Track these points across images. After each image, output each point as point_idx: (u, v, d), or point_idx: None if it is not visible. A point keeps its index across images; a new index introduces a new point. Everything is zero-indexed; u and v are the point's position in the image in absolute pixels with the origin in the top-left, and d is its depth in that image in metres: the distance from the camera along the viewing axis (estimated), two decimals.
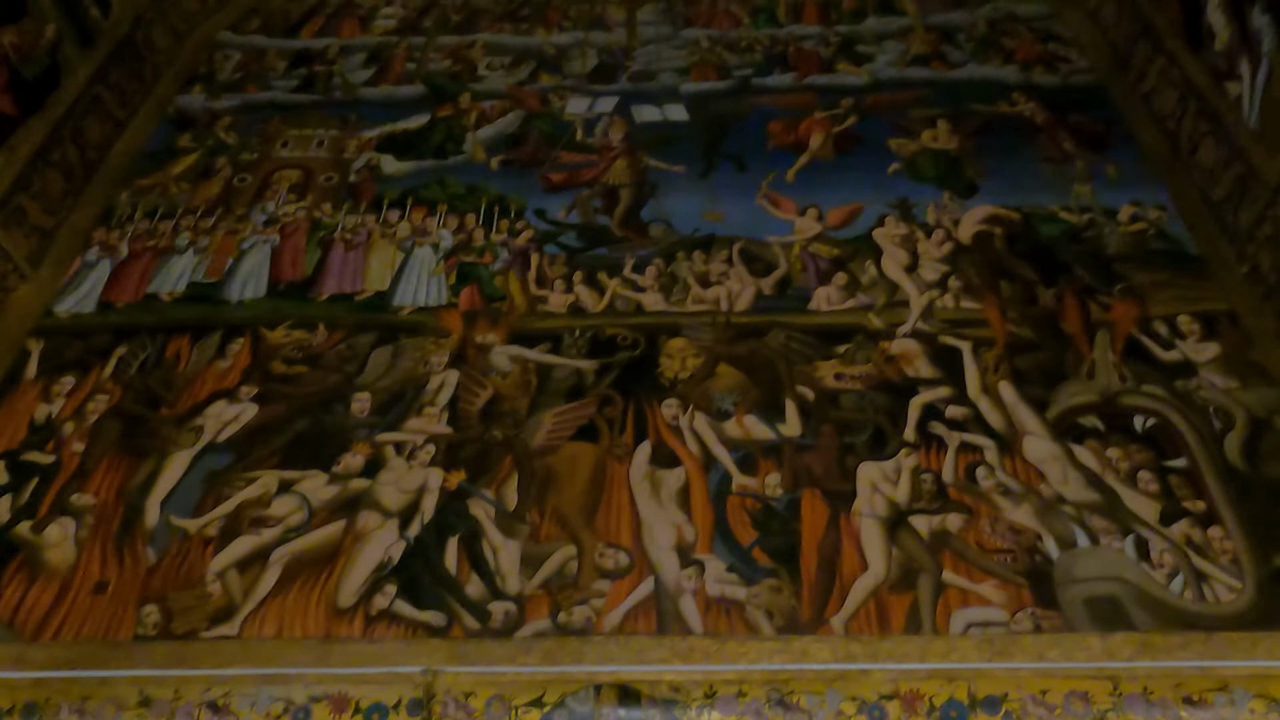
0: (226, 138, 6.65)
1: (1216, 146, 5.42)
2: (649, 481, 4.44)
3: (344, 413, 4.81)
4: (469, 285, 5.45)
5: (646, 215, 5.88)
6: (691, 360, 4.98)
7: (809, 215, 5.74)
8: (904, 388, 4.78)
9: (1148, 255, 5.37)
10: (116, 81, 6.57)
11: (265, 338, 5.21)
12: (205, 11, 7.65)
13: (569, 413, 4.76)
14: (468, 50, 7.35)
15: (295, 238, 5.82)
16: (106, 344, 5.19)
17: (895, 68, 6.93)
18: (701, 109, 6.68)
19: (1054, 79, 6.70)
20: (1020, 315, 5.08)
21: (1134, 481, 4.29)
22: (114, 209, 6.07)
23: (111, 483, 4.54)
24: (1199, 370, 4.72)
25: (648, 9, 7.73)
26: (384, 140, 6.56)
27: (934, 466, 4.43)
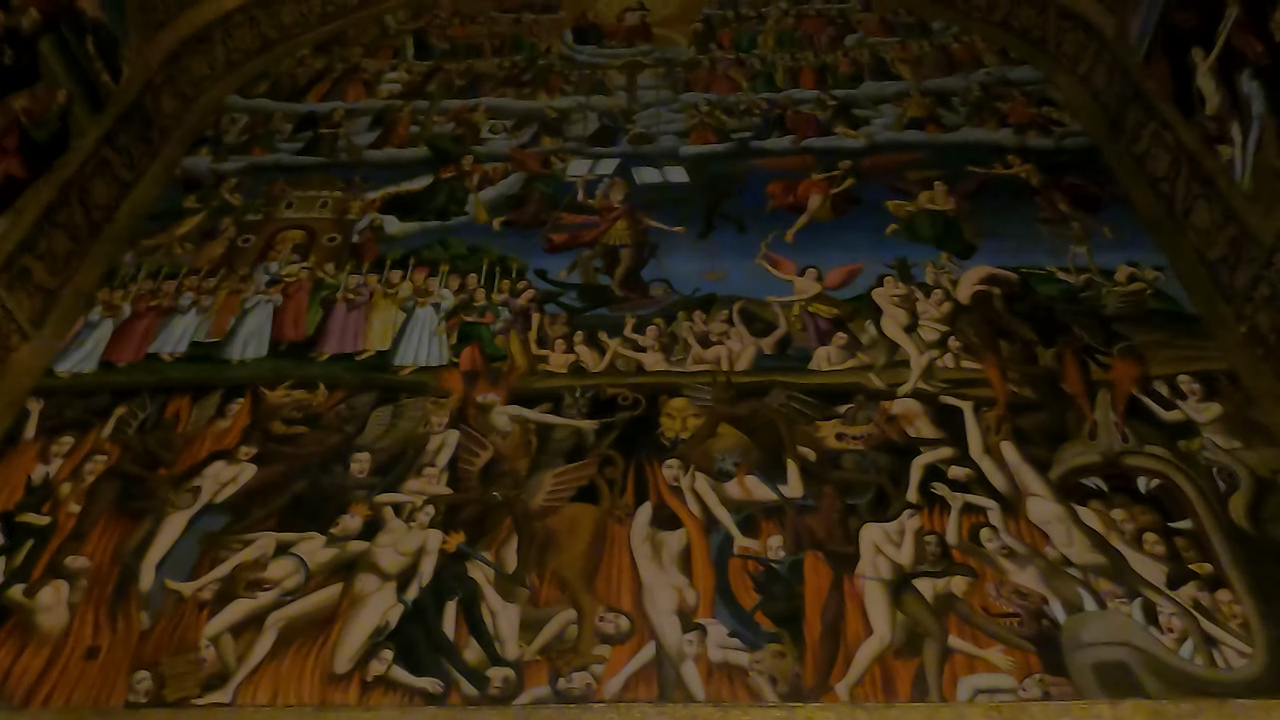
0: (231, 199, 6.72)
1: (1210, 208, 5.48)
2: (650, 543, 4.39)
3: (343, 473, 4.79)
4: (470, 345, 5.46)
5: (647, 275, 5.92)
6: (692, 420, 4.97)
7: (808, 275, 5.78)
8: (906, 448, 4.77)
9: (1146, 315, 5.40)
10: (124, 144, 6.66)
11: (265, 397, 5.21)
12: (214, 76, 7.79)
13: (569, 473, 4.74)
14: (471, 113, 7.47)
15: (298, 297, 5.84)
16: (106, 404, 5.19)
17: (891, 131, 7.04)
18: (701, 171, 6.77)
19: (1048, 142, 6.80)
20: (1021, 375, 5.09)
21: (1140, 543, 4.26)
22: (118, 269, 6.11)
23: (107, 545, 4.49)
24: (1201, 430, 4.71)
25: (648, 74, 7.89)
26: (387, 201, 6.64)
27: (937, 528, 4.39)
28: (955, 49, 7.74)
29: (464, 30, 8.52)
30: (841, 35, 8.08)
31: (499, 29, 8.54)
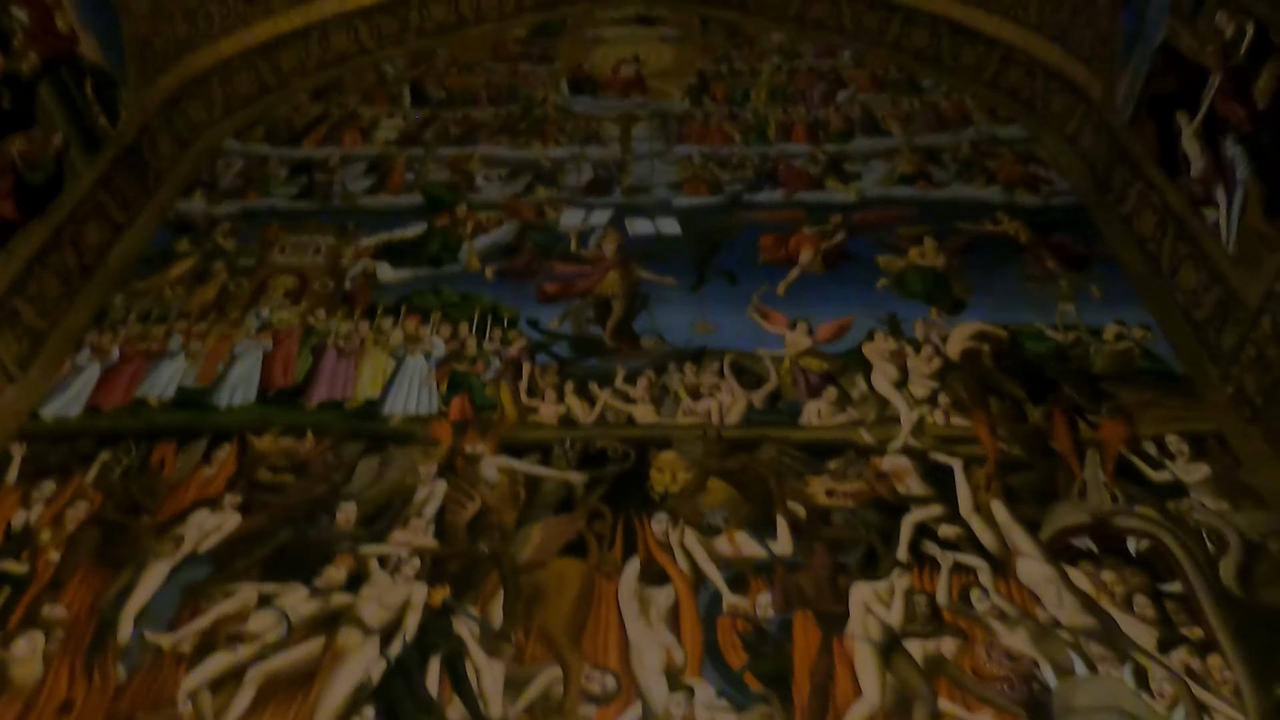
0: (224, 243, 6.73)
1: (1197, 269, 5.54)
2: (638, 600, 4.34)
3: (329, 524, 4.73)
4: (460, 394, 5.45)
5: (638, 327, 5.94)
6: (682, 474, 4.95)
7: (799, 329, 5.80)
8: (896, 505, 4.75)
9: (1134, 374, 5.43)
10: (119, 187, 6.68)
11: (252, 445, 5.16)
12: (211, 120, 7.85)
13: (558, 527, 4.70)
14: (466, 162, 7.53)
15: (288, 344, 5.83)
16: (91, 449, 5.13)
17: (882, 186, 7.12)
18: (694, 223, 6.82)
19: (1036, 199, 6.88)
20: (1010, 433, 5.09)
21: (1130, 606, 4.23)
22: (108, 312, 6.09)
23: (85, 595, 4.41)
24: (1190, 491, 4.71)
25: (642, 125, 7.98)
26: (381, 248, 6.66)
27: (927, 588, 4.36)
28: (945, 107, 7.86)
29: (461, 79, 8.61)
30: (833, 91, 8.20)
31: (495, 79, 8.63)
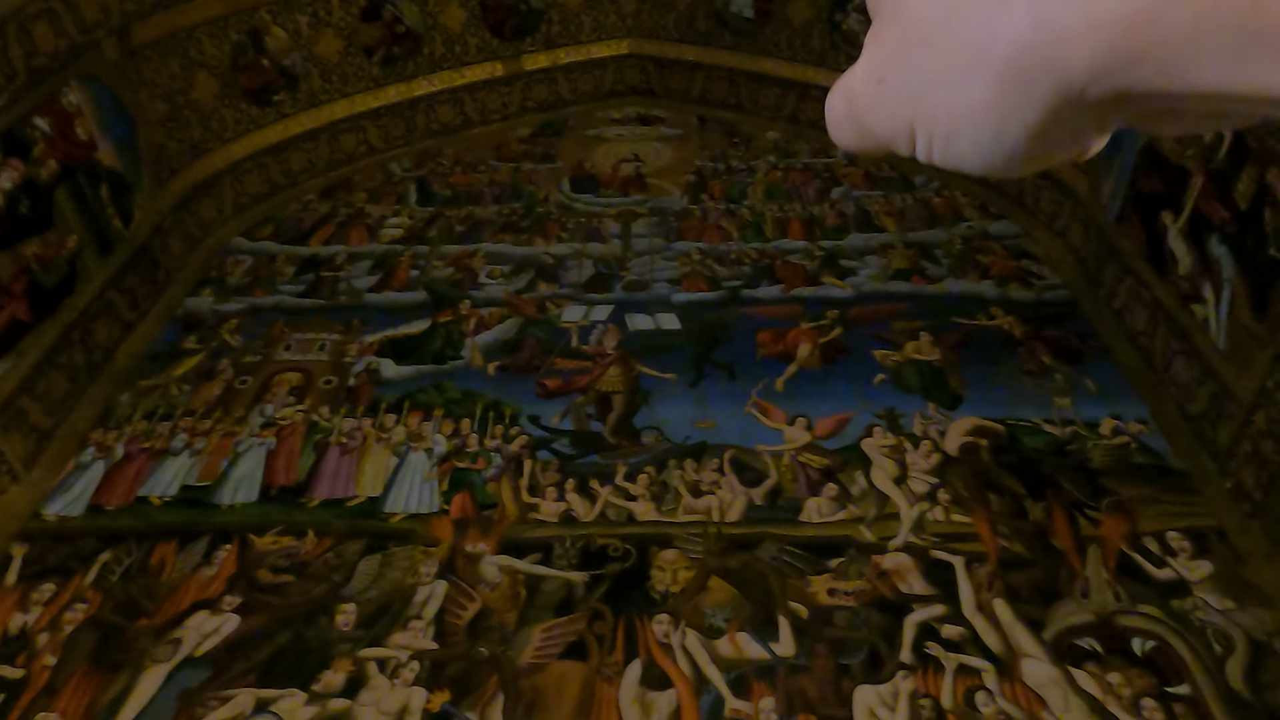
0: (231, 340, 6.84)
1: (1189, 364, 5.62)
2: (639, 705, 4.30)
3: (328, 625, 4.71)
4: (461, 492, 5.47)
5: (639, 422, 5.99)
6: (683, 573, 4.94)
7: (798, 425, 5.85)
8: (898, 604, 4.73)
9: (1132, 469, 5.46)
10: (130, 286, 6.82)
11: (253, 544, 5.17)
12: (221, 219, 8.06)
13: (558, 628, 4.67)
14: (469, 259, 7.69)
15: (291, 441, 5.87)
16: (92, 549, 5.13)
17: (877, 281, 7.25)
18: (693, 318, 6.94)
19: (1029, 294, 7.01)
20: (1011, 530, 5.10)
21: (1138, 710, 4.18)
22: (114, 409, 6.15)
23: (80, 700, 4.37)
24: (1193, 589, 4.70)
25: (642, 222, 8.17)
26: (385, 344, 6.75)
27: (932, 690, 4.32)
28: (937, 203, 8.06)
29: (465, 178, 8.85)
30: (828, 188, 8.42)
31: (499, 177, 8.87)
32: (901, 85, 0.48)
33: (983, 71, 0.43)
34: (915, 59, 0.47)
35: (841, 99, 0.54)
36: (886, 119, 0.50)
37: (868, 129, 0.52)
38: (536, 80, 9.63)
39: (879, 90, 0.49)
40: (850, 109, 0.53)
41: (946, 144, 0.47)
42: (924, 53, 0.46)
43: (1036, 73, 0.42)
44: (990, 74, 0.43)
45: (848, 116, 0.53)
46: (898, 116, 0.49)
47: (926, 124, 0.48)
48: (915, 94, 0.47)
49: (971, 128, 0.45)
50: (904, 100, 0.48)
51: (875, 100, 0.50)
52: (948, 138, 0.47)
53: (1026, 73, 0.42)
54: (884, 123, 0.50)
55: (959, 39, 0.44)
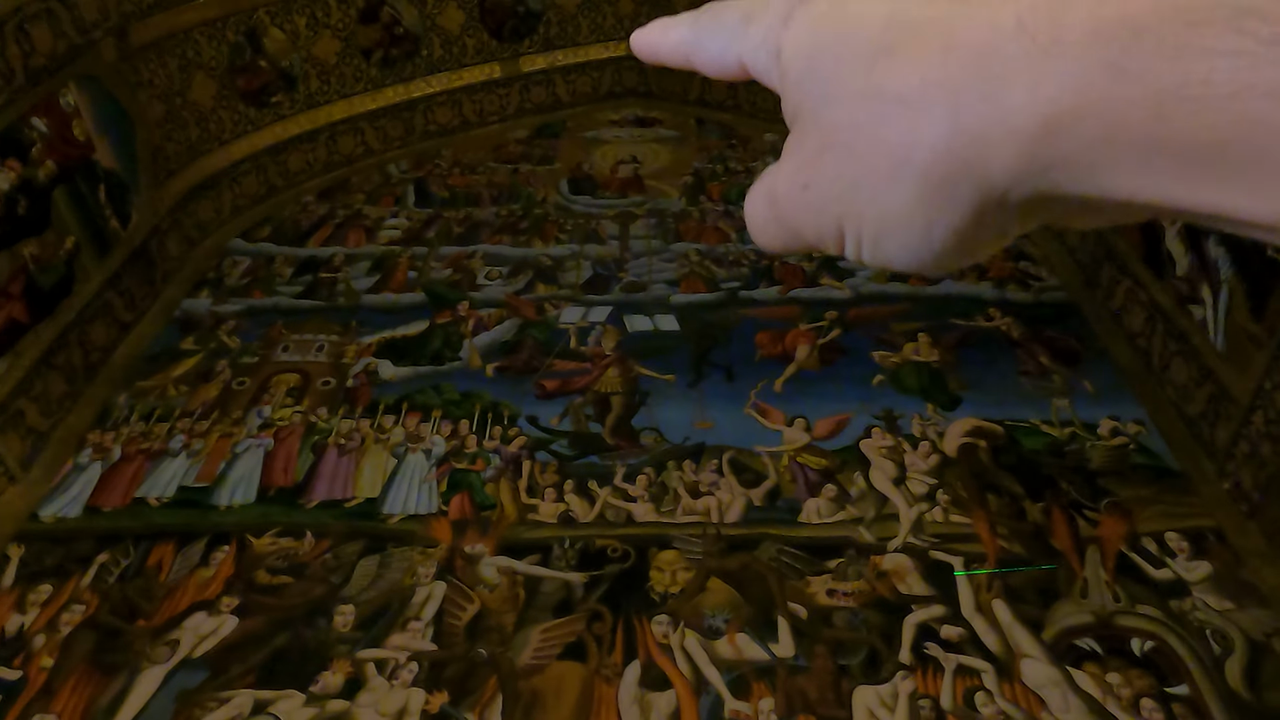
0: (229, 341, 6.82)
1: (1187, 365, 5.63)
2: (638, 705, 4.29)
3: (326, 627, 4.69)
4: (460, 493, 5.46)
5: (638, 423, 5.98)
6: (682, 574, 4.93)
7: (796, 426, 5.85)
8: (897, 605, 4.73)
9: (1130, 470, 5.46)
10: (127, 287, 6.81)
11: (251, 546, 5.16)
12: (219, 220, 8.05)
13: (557, 629, 4.66)
14: (468, 260, 7.69)
15: (289, 442, 5.86)
16: (89, 551, 5.12)
17: (875, 283, 7.24)
18: (691, 319, 6.93)
19: (1027, 296, 7.01)
20: (1010, 530, 5.10)
21: (1137, 710, 4.18)
22: (111, 411, 6.14)
23: (78, 702, 4.35)
24: (1192, 590, 4.70)
25: (640, 224, 8.18)
26: (383, 345, 6.74)
27: (931, 691, 4.31)
28: None
29: (463, 179, 8.85)
30: None
31: (497, 179, 8.87)
32: (826, 190, 0.49)
33: (906, 176, 0.44)
34: (838, 165, 0.47)
35: (764, 203, 0.54)
36: (813, 222, 0.50)
37: (794, 231, 0.53)
38: (534, 82, 9.65)
39: (804, 195, 0.50)
40: (775, 213, 0.53)
41: (875, 245, 0.48)
42: (846, 158, 0.46)
43: (959, 177, 0.42)
44: (913, 179, 0.44)
45: (772, 220, 0.54)
46: (824, 219, 0.50)
47: (854, 226, 0.48)
48: (840, 198, 0.48)
49: (898, 230, 0.46)
50: (829, 204, 0.49)
51: (800, 205, 0.51)
52: (876, 240, 0.48)
53: (949, 177, 0.42)
54: (811, 225, 0.51)
55: (880, 145, 0.44)
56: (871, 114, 0.45)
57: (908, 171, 0.44)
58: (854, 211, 0.48)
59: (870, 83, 0.45)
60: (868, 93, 0.45)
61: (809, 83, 0.48)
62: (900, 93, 0.43)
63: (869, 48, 0.45)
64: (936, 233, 0.45)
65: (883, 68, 0.44)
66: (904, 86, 0.43)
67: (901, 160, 0.44)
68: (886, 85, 0.44)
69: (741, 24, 0.55)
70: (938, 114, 0.42)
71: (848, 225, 0.49)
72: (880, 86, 0.44)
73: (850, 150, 0.46)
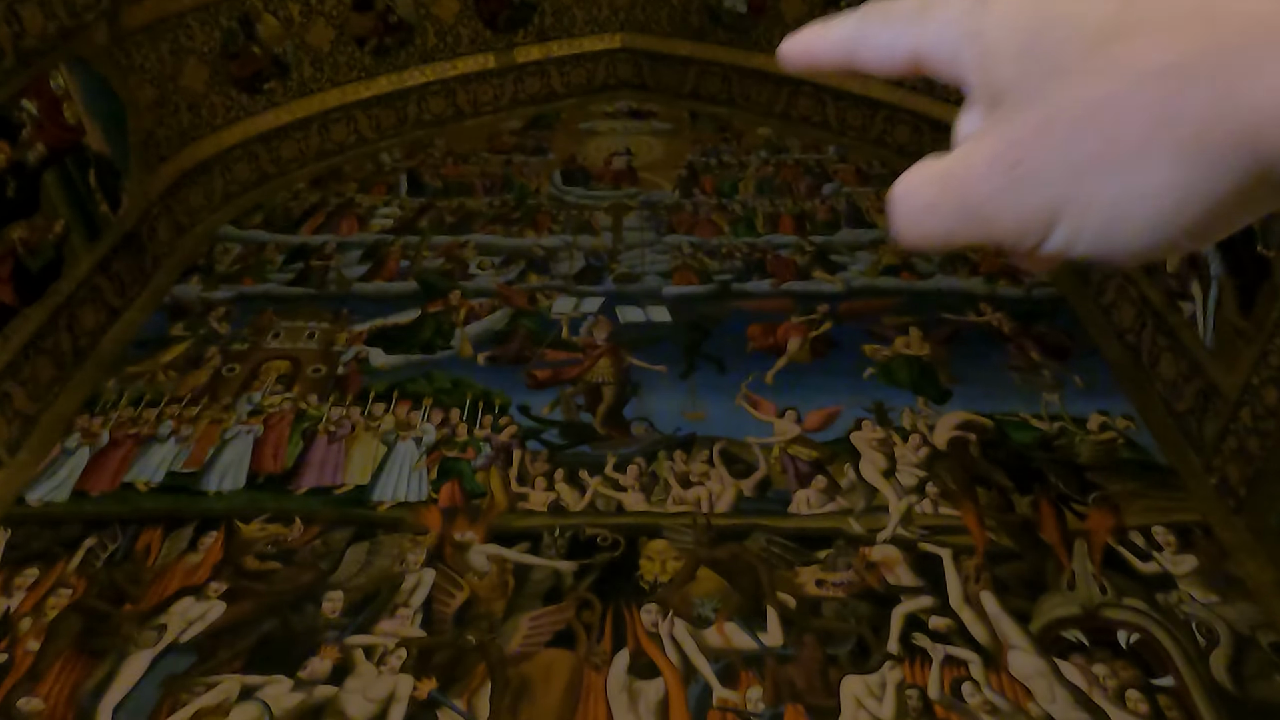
0: (219, 327, 6.79)
1: (1176, 361, 5.66)
2: (627, 693, 4.29)
3: (314, 613, 4.68)
4: (450, 481, 5.45)
5: (629, 414, 5.98)
6: (672, 563, 4.94)
7: (787, 417, 5.85)
8: (886, 596, 4.74)
9: (1119, 464, 5.49)
10: (117, 272, 6.77)
11: (240, 531, 5.14)
12: (210, 207, 8.01)
13: (546, 617, 4.66)
14: (460, 249, 7.67)
15: (279, 429, 5.84)
16: (76, 535, 5.09)
17: (867, 277, 7.27)
18: (683, 311, 6.93)
19: (1018, 291, 7.04)
20: (998, 523, 5.12)
21: (1123, 701, 4.21)
22: (100, 396, 6.11)
23: (64, 686, 4.33)
24: (1178, 583, 4.73)
25: (633, 215, 8.17)
26: (374, 334, 6.72)
27: (919, 681, 4.33)
28: None
29: (456, 169, 8.83)
30: (819, 184, 8.44)
31: (490, 169, 8.85)
32: (1045, 168, 0.45)
33: (1162, 149, 0.42)
34: (1068, 141, 0.45)
35: (934, 187, 0.50)
36: (1015, 205, 0.47)
37: (981, 217, 0.48)
38: (529, 73, 9.62)
39: (1010, 174, 0.46)
40: (953, 197, 0.49)
41: (1105, 230, 0.45)
42: (1082, 134, 0.44)
43: (1227, 149, 0.41)
44: (1172, 151, 0.42)
45: (944, 207, 0.49)
46: (1033, 201, 0.46)
47: (1078, 209, 0.45)
48: (1065, 177, 0.45)
49: (1145, 206, 0.44)
50: (1045, 184, 0.46)
51: (1004, 187, 0.47)
52: (1108, 224, 0.45)
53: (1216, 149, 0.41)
54: (1011, 210, 0.47)
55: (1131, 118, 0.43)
56: (1120, 88, 0.43)
57: (1165, 144, 0.42)
58: (1082, 192, 0.45)
59: (1115, 58, 0.43)
60: (1113, 68, 0.43)
61: (1027, 60, 0.46)
62: (1157, 67, 0.42)
63: (1109, 25, 0.44)
64: (1192, 207, 0.43)
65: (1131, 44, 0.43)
66: (1161, 61, 0.42)
67: (1157, 133, 0.42)
68: (1139, 60, 0.42)
69: (918, 13, 0.53)
70: (1203, 86, 0.41)
71: (1068, 208, 0.45)
72: (1130, 62, 0.43)
73: (1088, 125, 0.44)
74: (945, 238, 0.51)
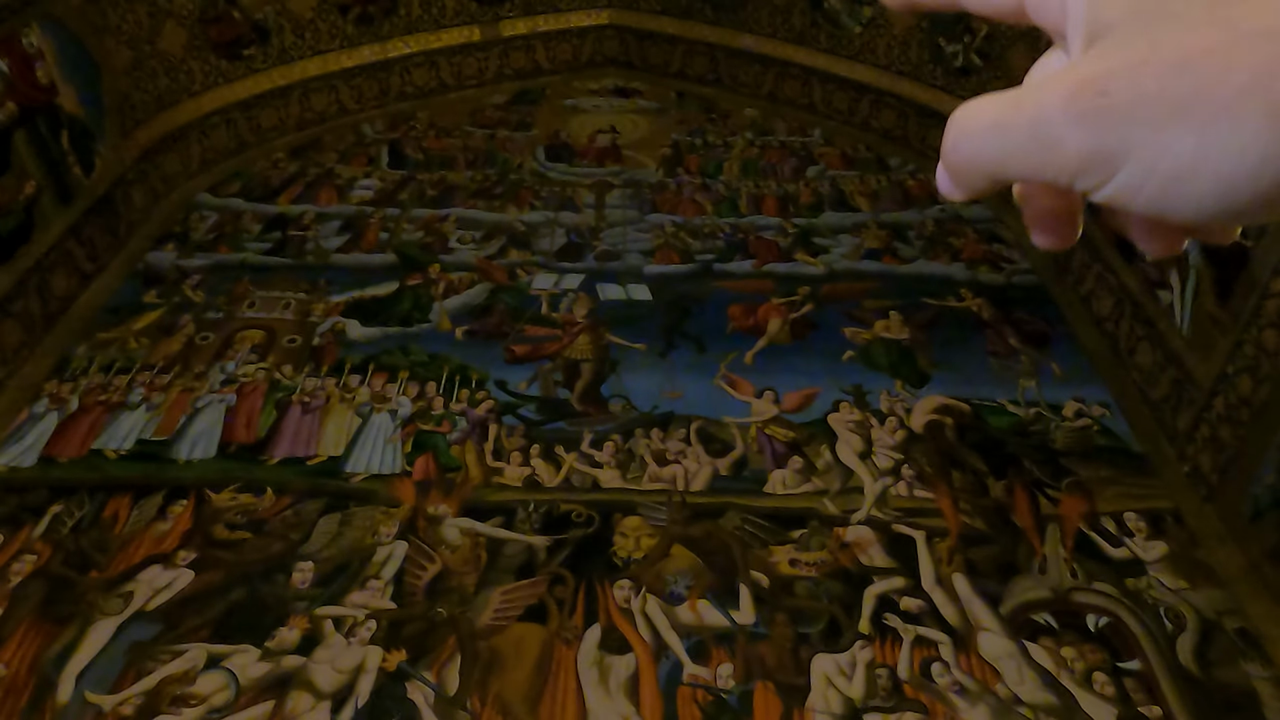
0: (193, 296, 6.69)
1: (1153, 350, 5.69)
2: (597, 668, 4.28)
3: (284, 583, 4.64)
4: (424, 454, 5.40)
5: (607, 391, 5.95)
6: (646, 540, 4.92)
7: (766, 398, 5.84)
8: (859, 576, 4.75)
9: (1093, 451, 5.52)
10: (89, 236, 6.65)
11: (210, 500, 5.08)
12: (187, 174, 7.88)
13: (518, 591, 4.64)
14: (440, 223, 7.59)
15: (252, 398, 5.77)
16: (43, 500, 5.01)
17: (849, 260, 7.25)
18: (664, 290, 6.90)
19: (999, 277, 7.05)
20: (972, 506, 5.14)
21: (1090, 684, 4.24)
22: (69, 361, 6.01)
23: (26, 652, 4.27)
24: (1148, 569, 4.76)
25: (616, 193, 8.11)
26: (351, 305, 6.64)
27: (889, 661, 4.34)
28: (911, 185, 8.07)
29: (439, 142, 8.72)
30: (804, 167, 8.40)
31: (473, 143, 8.75)
32: (1130, 105, 0.43)
33: (1254, 107, 0.41)
34: (1161, 81, 0.43)
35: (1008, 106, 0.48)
36: (1089, 136, 0.44)
37: (1053, 141, 0.45)
38: (514, 47, 9.52)
39: (1096, 103, 0.44)
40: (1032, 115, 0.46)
41: (1173, 182, 0.43)
42: (1177, 77, 0.42)
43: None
44: (1264, 111, 0.41)
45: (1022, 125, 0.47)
46: (1107, 138, 0.44)
47: (1151, 156, 0.43)
48: (1148, 119, 0.43)
49: (1223, 162, 0.42)
50: (1127, 123, 0.43)
51: (1084, 112, 0.44)
52: (1178, 176, 0.43)
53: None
54: (1083, 139, 0.45)
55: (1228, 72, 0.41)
56: (1226, 40, 0.42)
57: (1258, 103, 0.41)
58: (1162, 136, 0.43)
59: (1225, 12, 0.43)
60: (1222, 22, 0.42)
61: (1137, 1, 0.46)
62: (1267, 28, 0.41)
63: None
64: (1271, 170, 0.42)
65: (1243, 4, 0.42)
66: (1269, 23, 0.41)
67: (1254, 90, 0.41)
68: (1250, 18, 0.42)
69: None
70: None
71: (1141, 151, 0.43)
72: (1240, 18, 0.42)
73: (1187, 71, 0.42)
74: (997, 162, 0.48)
